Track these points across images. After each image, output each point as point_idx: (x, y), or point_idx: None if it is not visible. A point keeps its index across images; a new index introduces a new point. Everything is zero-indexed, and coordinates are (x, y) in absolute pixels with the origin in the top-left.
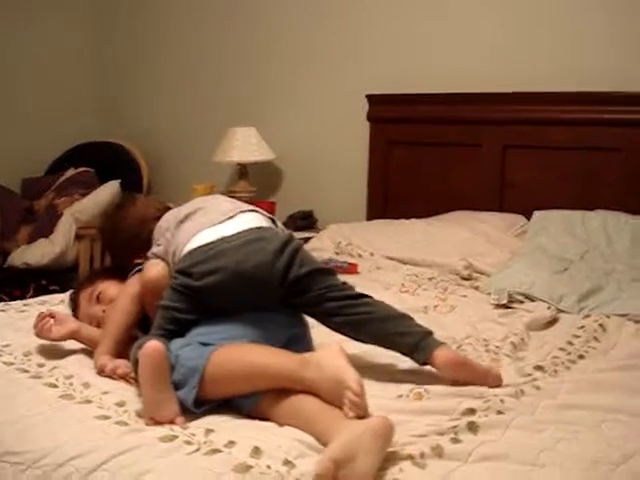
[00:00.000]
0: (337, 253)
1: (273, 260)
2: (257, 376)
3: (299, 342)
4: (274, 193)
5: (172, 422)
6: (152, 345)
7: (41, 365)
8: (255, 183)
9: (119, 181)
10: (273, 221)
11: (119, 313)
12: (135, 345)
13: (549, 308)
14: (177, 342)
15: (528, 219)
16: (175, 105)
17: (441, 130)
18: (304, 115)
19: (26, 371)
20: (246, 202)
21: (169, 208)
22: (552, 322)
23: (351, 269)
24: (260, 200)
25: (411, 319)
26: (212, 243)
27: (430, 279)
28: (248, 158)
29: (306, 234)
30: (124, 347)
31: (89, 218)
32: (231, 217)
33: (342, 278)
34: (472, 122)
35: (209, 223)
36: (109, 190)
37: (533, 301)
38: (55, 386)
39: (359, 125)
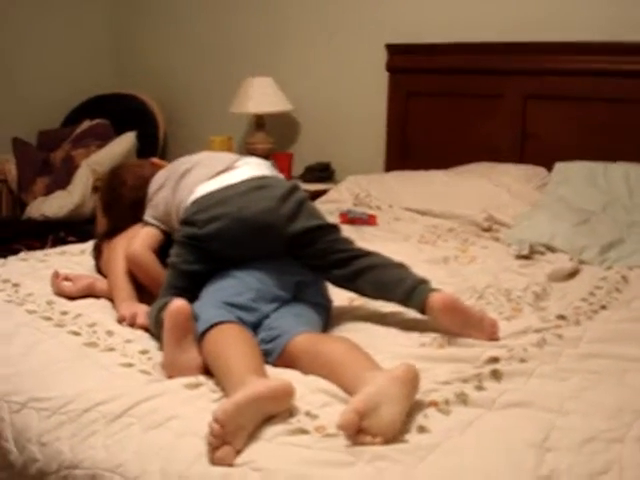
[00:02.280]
0: (355, 205)
1: (277, 206)
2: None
3: (308, 288)
4: (291, 145)
5: None
6: (176, 305)
7: (64, 313)
8: (272, 135)
9: (135, 132)
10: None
11: (118, 264)
12: (153, 306)
13: (571, 260)
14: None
15: (549, 171)
16: (192, 56)
17: (461, 81)
18: (322, 65)
19: (49, 319)
20: (264, 154)
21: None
22: (573, 274)
23: (370, 220)
24: (277, 152)
25: (407, 268)
26: (216, 191)
27: (450, 230)
28: (265, 109)
29: (323, 186)
30: (137, 292)
31: (106, 170)
32: (233, 167)
33: (361, 229)
34: (493, 72)
35: (211, 173)
36: (125, 142)
37: (554, 252)
38: (78, 334)
39: (378, 75)
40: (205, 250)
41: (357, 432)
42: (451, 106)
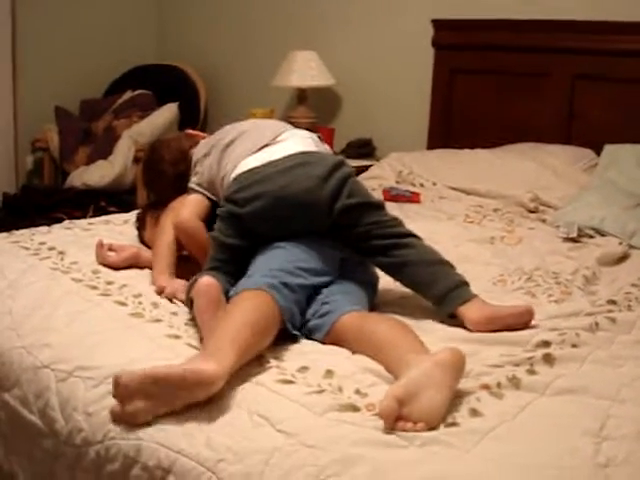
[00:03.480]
0: (398, 182)
1: (319, 185)
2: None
3: (355, 265)
4: (333, 119)
5: None
6: (205, 281)
7: (109, 282)
8: (314, 109)
9: (177, 104)
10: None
11: (165, 234)
12: (190, 282)
13: (620, 244)
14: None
15: (597, 153)
16: (234, 27)
17: (507, 58)
18: (366, 40)
19: (95, 288)
20: (306, 128)
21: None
22: (623, 258)
23: (413, 198)
24: (319, 126)
25: (445, 266)
26: (257, 168)
27: (495, 210)
28: (307, 83)
29: (364, 162)
30: (177, 266)
31: (147, 140)
32: (278, 140)
33: (405, 207)
34: (540, 50)
35: (255, 147)
36: (167, 113)
37: (604, 236)
38: (124, 304)
39: (423, 51)
40: (246, 228)
41: (397, 419)
42: (497, 84)
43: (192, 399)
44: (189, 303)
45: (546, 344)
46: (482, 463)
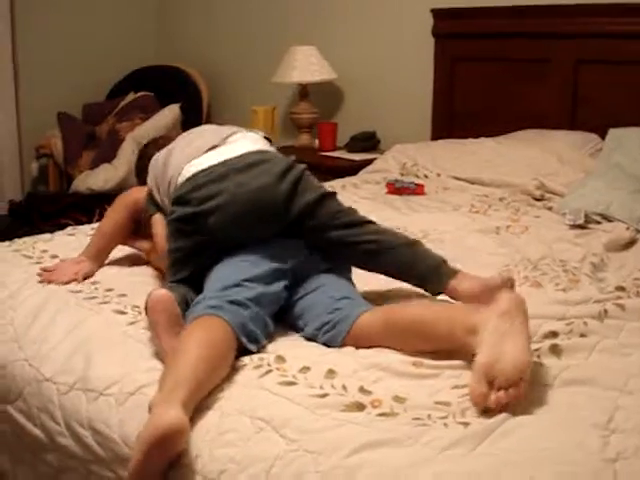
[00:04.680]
0: (402, 174)
1: (276, 182)
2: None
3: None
4: (336, 114)
5: None
6: (155, 296)
7: (109, 290)
8: (316, 104)
9: (179, 104)
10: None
11: (106, 216)
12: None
13: (628, 229)
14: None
15: (602, 138)
16: (233, 25)
17: (509, 45)
18: (365, 32)
19: (94, 297)
20: (309, 124)
21: None
22: (631, 243)
23: (418, 190)
24: (322, 121)
25: (421, 245)
26: (212, 167)
27: (501, 199)
28: (309, 78)
29: (369, 155)
30: (106, 256)
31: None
32: (228, 141)
33: (409, 199)
34: (543, 36)
35: (207, 145)
36: (170, 114)
37: (611, 221)
38: (124, 313)
39: (423, 41)
40: (200, 232)
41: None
42: (498, 71)
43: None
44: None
45: (553, 334)
46: (489, 459)
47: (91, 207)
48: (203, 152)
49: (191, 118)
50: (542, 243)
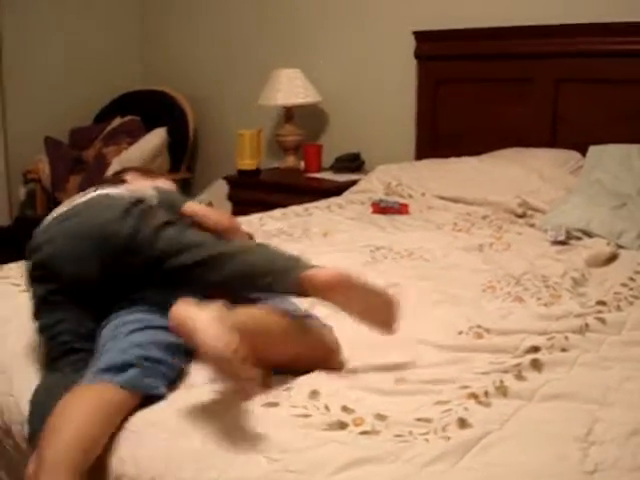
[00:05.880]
0: (387, 194)
1: (120, 217)
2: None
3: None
4: (321, 136)
5: None
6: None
7: None
8: (301, 126)
9: (165, 128)
10: None
11: None
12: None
13: (608, 244)
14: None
15: (583, 155)
16: (219, 50)
17: (490, 66)
18: (349, 55)
19: None
20: (294, 146)
21: None
22: (612, 258)
23: (402, 209)
24: (307, 143)
25: (274, 247)
26: (57, 215)
27: (484, 218)
28: (293, 100)
29: (354, 176)
30: None
31: (137, 166)
32: (82, 194)
33: (394, 219)
34: (522, 56)
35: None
36: (156, 138)
37: (591, 237)
38: None
39: (406, 63)
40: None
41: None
42: (481, 92)
43: None
44: None
45: (535, 349)
46: (471, 474)
47: None
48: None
49: (177, 142)
50: (524, 259)
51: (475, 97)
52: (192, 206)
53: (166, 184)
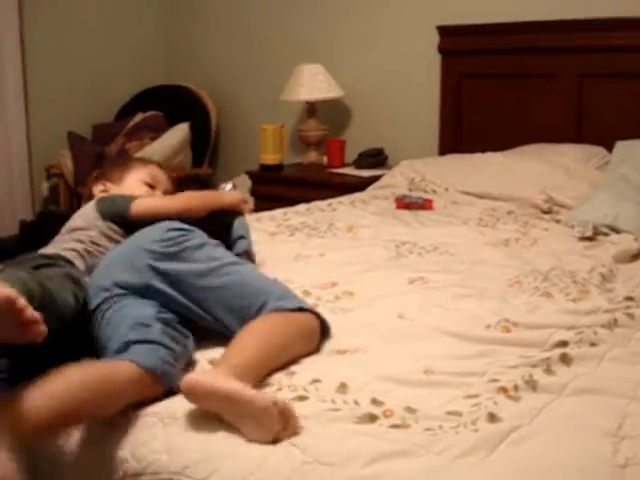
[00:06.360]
0: (410, 190)
1: None
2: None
3: None
4: (344, 131)
5: None
6: None
7: None
8: (324, 121)
9: (188, 123)
10: None
11: None
12: None
13: (636, 240)
14: None
15: (608, 150)
16: (241, 45)
17: (514, 61)
18: (372, 49)
19: None
20: (317, 141)
21: None
22: (639, 254)
23: (426, 205)
24: (330, 138)
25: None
26: None
27: (509, 213)
28: (316, 96)
29: (377, 172)
30: None
31: (160, 161)
32: None
33: (418, 214)
34: (547, 51)
35: None
36: (179, 133)
37: (618, 233)
38: None
39: (430, 58)
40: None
41: None
42: (505, 87)
43: None
44: None
45: (563, 344)
46: (501, 468)
47: None
48: None
49: (200, 137)
50: (551, 255)
51: (499, 92)
52: (141, 204)
53: (152, 174)
